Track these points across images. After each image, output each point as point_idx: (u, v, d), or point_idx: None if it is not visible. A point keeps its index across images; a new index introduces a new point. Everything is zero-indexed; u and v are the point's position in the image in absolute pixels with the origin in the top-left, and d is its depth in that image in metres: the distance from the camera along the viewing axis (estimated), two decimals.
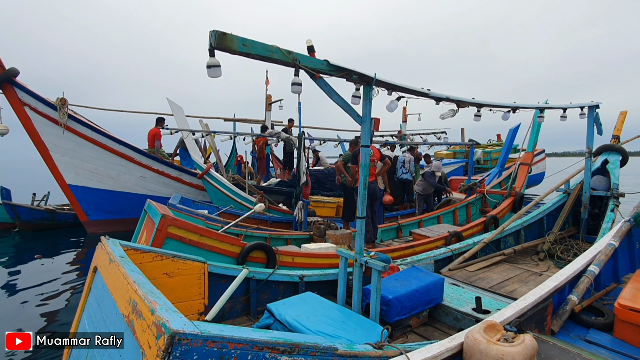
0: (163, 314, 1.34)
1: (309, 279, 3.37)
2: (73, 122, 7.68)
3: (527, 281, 3.99)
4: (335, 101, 2.56)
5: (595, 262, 3.14)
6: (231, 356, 1.35)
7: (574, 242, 5.24)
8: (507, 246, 5.23)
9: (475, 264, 4.44)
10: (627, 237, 3.73)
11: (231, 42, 2.08)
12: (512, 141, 9.56)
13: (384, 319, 2.83)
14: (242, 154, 14.60)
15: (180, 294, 2.58)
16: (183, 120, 9.15)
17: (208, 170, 7.59)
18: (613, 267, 3.58)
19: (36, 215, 8.60)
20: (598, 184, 5.59)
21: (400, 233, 6.98)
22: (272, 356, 1.47)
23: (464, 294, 3.42)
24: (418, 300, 2.98)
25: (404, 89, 2.75)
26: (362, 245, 2.80)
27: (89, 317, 2.02)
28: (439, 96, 2.88)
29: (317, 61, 2.41)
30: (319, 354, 1.61)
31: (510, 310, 2.28)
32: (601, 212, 5.38)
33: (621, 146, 5.91)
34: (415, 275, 3.21)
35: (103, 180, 8.32)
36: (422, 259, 4.11)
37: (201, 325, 1.38)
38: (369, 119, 2.67)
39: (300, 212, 6.26)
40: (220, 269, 2.95)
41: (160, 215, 3.17)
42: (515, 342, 1.74)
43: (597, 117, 5.10)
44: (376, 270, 2.65)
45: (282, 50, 2.27)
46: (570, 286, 2.93)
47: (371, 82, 2.59)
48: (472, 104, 3.16)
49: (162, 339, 1.24)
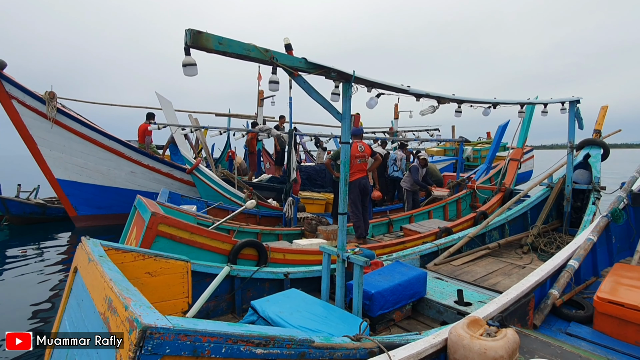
0: (136, 310, 1.35)
1: (294, 276, 3.40)
2: (62, 116, 7.59)
3: (510, 274, 4.06)
4: (315, 98, 2.56)
5: (575, 257, 3.20)
6: (205, 349, 1.37)
7: (557, 235, 5.33)
8: (492, 240, 5.30)
9: (460, 258, 4.50)
10: (605, 232, 3.80)
11: (207, 41, 2.08)
12: (500, 137, 9.62)
13: (367, 313, 2.88)
14: (235, 149, 14.55)
15: (164, 293, 2.58)
16: (172, 115, 9.08)
17: (197, 165, 7.57)
18: (592, 262, 3.65)
19: (26, 209, 8.56)
20: (580, 178, 5.68)
21: (391, 228, 7.04)
22: (246, 349, 1.48)
23: (447, 287, 3.47)
24: (401, 294, 3.03)
25: (383, 86, 2.76)
26: (344, 241, 2.83)
27: (70, 317, 2.02)
28: (418, 92, 2.89)
29: (295, 59, 2.41)
30: (295, 346, 1.63)
31: (493, 306, 2.32)
32: (583, 205, 5.47)
33: (602, 140, 6.00)
34: (399, 270, 3.26)
35: (92, 176, 8.26)
36: (407, 255, 4.15)
37: (174, 319, 1.39)
38: (348, 116, 2.67)
39: (290, 208, 6.28)
40: (204, 267, 2.97)
41: (150, 213, 3.15)
42: (497, 337, 1.78)
43: (578, 112, 5.16)
44: (358, 266, 2.69)
45: (259, 48, 2.26)
46: (551, 281, 2.98)
47: (350, 79, 2.59)
48: (452, 100, 3.17)
49: (134, 333, 1.25)
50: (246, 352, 1.48)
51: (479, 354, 1.70)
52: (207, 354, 1.38)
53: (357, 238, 5.74)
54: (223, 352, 1.42)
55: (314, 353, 1.70)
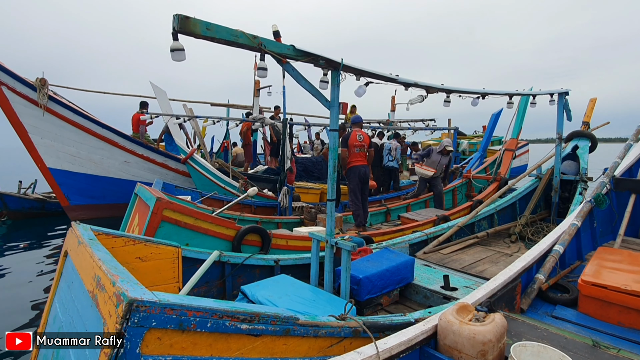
0: (123, 285, 1.38)
1: (284, 263, 3.45)
2: (54, 104, 7.42)
3: (497, 262, 4.14)
4: (303, 86, 2.58)
5: (560, 242, 3.26)
6: (190, 323, 1.40)
7: (545, 224, 5.42)
8: (481, 230, 5.38)
9: (449, 247, 4.56)
10: (589, 216, 3.87)
11: (194, 26, 2.08)
12: (494, 125, 9.67)
13: (355, 297, 2.94)
14: (234, 140, 14.54)
15: (154, 278, 2.61)
16: (166, 105, 9.02)
17: (191, 154, 7.56)
18: (577, 246, 3.73)
19: (25, 204, 8.49)
20: (568, 169, 5.77)
21: (389, 217, 7.16)
22: (232, 324, 1.51)
23: (434, 274, 3.54)
24: (389, 279, 3.10)
25: (371, 75, 2.78)
26: (333, 227, 2.88)
27: (60, 300, 2.05)
28: (407, 82, 2.91)
29: (283, 46, 2.42)
30: (280, 322, 1.67)
31: (482, 292, 2.37)
32: (571, 195, 5.56)
33: (591, 132, 6.08)
34: (387, 256, 3.32)
35: (85, 165, 8.14)
36: (397, 243, 4.21)
37: (160, 294, 1.42)
38: (337, 104, 2.70)
39: (285, 197, 6.32)
40: (195, 253, 3.01)
41: (155, 199, 3.17)
42: (485, 322, 1.83)
43: (567, 103, 5.21)
44: (346, 251, 2.74)
45: (247, 34, 2.27)
46: (538, 266, 3.04)
47: (338, 67, 2.61)
48: (441, 90, 3.20)
49: (120, 306, 1.28)
50: (232, 327, 1.52)
51: (468, 338, 1.75)
52: (193, 327, 1.42)
53: (356, 226, 5.82)
54: (209, 327, 1.45)
55: (298, 330, 1.74)
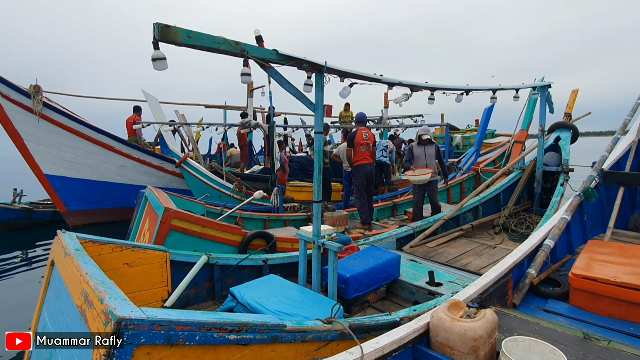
0: (111, 302, 1.42)
1: (273, 262, 3.49)
2: (48, 110, 7.44)
3: (481, 254, 4.20)
4: (287, 89, 2.61)
5: (550, 236, 3.27)
6: (179, 337, 1.44)
7: (527, 215, 5.47)
8: (467, 222, 5.42)
9: (435, 240, 4.62)
10: (579, 210, 3.90)
11: (175, 35, 2.10)
12: (487, 120, 9.68)
13: (343, 296, 2.99)
14: (232, 141, 14.56)
15: (143, 283, 2.65)
16: (159, 112, 9.03)
17: (185, 159, 7.60)
18: (567, 240, 3.76)
19: (11, 215, 8.24)
20: (550, 160, 5.81)
21: (396, 212, 7.27)
22: (220, 335, 1.55)
23: (420, 269, 3.60)
24: (375, 277, 3.14)
25: (355, 76, 2.81)
26: (319, 227, 2.91)
27: (49, 310, 2.08)
28: (391, 81, 2.94)
29: (266, 51, 2.45)
30: (267, 331, 1.71)
31: (473, 288, 2.38)
32: (553, 186, 5.60)
33: (572, 123, 6.13)
34: (373, 254, 3.36)
35: (82, 170, 8.15)
36: (384, 238, 4.26)
37: (148, 310, 1.46)
38: (321, 106, 2.73)
39: (276, 197, 6.38)
40: (182, 257, 3.04)
41: (163, 209, 3.27)
42: (476, 318, 1.85)
43: (549, 96, 5.25)
44: (332, 251, 2.78)
45: (229, 41, 2.29)
46: (529, 260, 3.06)
47: (322, 70, 2.64)
48: (425, 88, 3.24)
49: (109, 325, 1.32)
50: (220, 339, 1.56)
51: (460, 335, 1.77)
52: (182, 341, 1.46)
53: (362, 223, 5.87)
54: (197, 340, 1.49)
55: (286, 337, 1.79)
